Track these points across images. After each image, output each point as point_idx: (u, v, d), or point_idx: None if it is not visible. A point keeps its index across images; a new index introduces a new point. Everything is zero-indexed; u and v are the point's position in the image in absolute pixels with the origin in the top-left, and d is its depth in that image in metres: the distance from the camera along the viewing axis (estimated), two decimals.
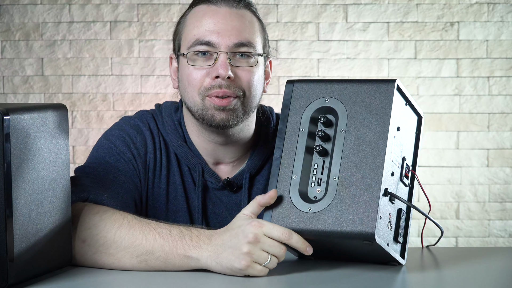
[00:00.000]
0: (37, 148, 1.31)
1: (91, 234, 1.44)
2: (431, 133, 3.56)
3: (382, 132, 1.38)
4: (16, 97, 3.53)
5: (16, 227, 1.26)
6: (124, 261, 1.44)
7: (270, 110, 1.82)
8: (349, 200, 1.36)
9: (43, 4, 3.53)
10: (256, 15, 1.71)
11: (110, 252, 1.44)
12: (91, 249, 1.44)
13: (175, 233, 1.43)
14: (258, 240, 1.36)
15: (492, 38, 3.56)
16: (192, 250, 1.41)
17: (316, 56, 3.56)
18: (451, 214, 3.57)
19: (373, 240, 1.34)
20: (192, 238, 1.42)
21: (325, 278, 1.38)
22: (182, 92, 1.70)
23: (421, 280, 1.39)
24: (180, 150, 1.72)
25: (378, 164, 1.37)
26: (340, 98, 1.43)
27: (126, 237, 1.44)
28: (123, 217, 1.47)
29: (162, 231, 1.44)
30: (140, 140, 1.72)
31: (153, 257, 1.43)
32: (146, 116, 1.77)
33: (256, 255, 1.37)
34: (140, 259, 1.43)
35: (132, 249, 1.43)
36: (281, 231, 1.37)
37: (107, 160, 1.67)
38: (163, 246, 1.42)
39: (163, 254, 1.42)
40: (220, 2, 1.67)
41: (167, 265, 1.43)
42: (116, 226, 1.45)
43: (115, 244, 1.44)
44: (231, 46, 1.64)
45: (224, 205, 1.72)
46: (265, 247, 1.37)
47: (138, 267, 1.44)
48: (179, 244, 1.42)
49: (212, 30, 1.64)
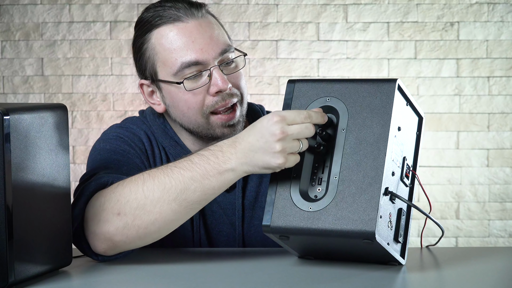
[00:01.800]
0: (37, 148, 1.31)
1: (122, 204, 1.42)
2: (431, 133, 3.56)
3: (383, 132, 1.39)
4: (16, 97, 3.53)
5: (16, 227, 1.26)
6: (165, 211, 1.41)
7: (261, 108, 1.82)
8: (350, 199, 1.36)
9: (43, 4, 3.53)
10: (213, 15, 1.69)
11: (148, 210, 1.41)
12: (129, 217, 1.42)
13: (196, 160, 1.41)
14: (286, 133, 1.35)
15: (492, 38, 3.56)
16: (223, 165, 1.40)
17: (316, 56, 3.56)
18: (451, 214, 3.57)
19: (373, 238, 1.34)
20: (216, 155, 1.41)
21: (325, 278, 1.38)
22: (177, 116, 1.68)
23: (421, 280, 1.39)
24: (173, 151, 1.72)
25: (378, 163, 1.37)
26: (341, 98, 1.43)
27: (154, 187, 1.41)
28: (141, 173, 1.44)
29: (184, 165, 1.42)
30: (137, 139, 1.71)
31: (189, 192, 1.41)
32: (135, 120, 1.75)
33: (289, 148, 1.36)
34: (179, 200, 1.41)
35: (166, 195, 1.41)
36: (302, 115, 1.37)
37: (114, 157, 1.64)
38: (193, 177, 1.40)
39: (198, 184, 1.40)
40: (184, 16, 1.63)
41: (206, 192, 1.41)
42: (140, 184, 1.42)
43: (149, 200, 1.41)
44: (217, 57, 1.63)
45: (218, 204, 1.72)
46: (294, 136, 1.36)
47: (182, 211, 1.42)
48: (207, 167, 1.40)
49: (193, 49, 1.62)
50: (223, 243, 1.72)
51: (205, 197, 1.42)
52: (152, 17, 1.65)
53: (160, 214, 1.42)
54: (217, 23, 1.68)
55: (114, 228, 1.43)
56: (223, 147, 1.41)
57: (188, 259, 1.54)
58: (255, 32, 3.57)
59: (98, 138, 1.73)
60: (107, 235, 1.43)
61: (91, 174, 1.55)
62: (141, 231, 1.43)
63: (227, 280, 1.37)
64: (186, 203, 1.42)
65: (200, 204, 1.43)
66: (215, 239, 1.72)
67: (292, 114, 1.37)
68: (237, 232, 1.71)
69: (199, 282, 1.37)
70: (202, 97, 1.63)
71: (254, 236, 1.72)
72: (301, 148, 1.38)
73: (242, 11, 3.56)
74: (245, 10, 3.56)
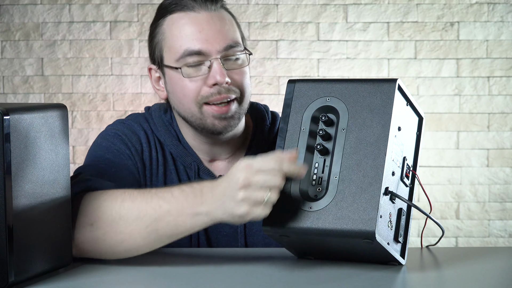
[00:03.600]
0: (37, 148, 1.31)
1: (97, 216, 1.43)
2: (431, 133, 3.56)
3: (383, 131, 1.39)
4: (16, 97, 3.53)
5: (16, 227, 1.26)
6: (134, 235, 1.41)
7: (266, 108, 1.82)
8: (350, 199, 1.36)
9: (43, 4, 3.53)
10: (229, 12, 1.70)
11: (119, 230, 1.42)
12: (100, 231, 1.43)
13: (177, 194, 1.40)
14: (249, 182, 1.32)
15: (492, 38, 3.56)
16: (199, 206, 1.39)
17: (316, 56, 3.56)
18: (451, 214, 3.57)
19: (373, 238, 1.34)
20: (195, 194, 1.39)
21: (325, 278, 1.38)
22: (175, 103, 1.69)
23: (421, 280, 1.39)
24: (174, 149, 1.72)
25: (378, 163, 1.37)
26: (341, 98, 1.43)
27: (131, 210, 1.42)
28: (123, 191, 1.45)
29: (164, 196, 1.41)
30: (135, 139, 1.72)
31: (162, 223, 1.40)
32: (138, 118, 1.77)
33: (253, 198, 1.32)
34: (150, 229, 1.41)
35: (139, 220, 1.41)
36: (271, 161, 1.33)
37: (107, 157, 1.67)
38: (169, 210, 1.40)
39: (171, 218, 1.39)
40: (198, 7, 1.65)
41: (178, 228, 1.40)
42: (119, 202, 1.43)
43: (122, 220, 1.42)
44: (221, 51, 1.63)
45: None
46: (259, 185, 1.33)
47: (150, 240, 1.42)
48: (184, 204, 1.39)
49: (199, 38, 1.63)
50: (223, 244, 1.72)
51: (176, 232, 1.41)
52: (169, 4, 1.68)
53: (130, 236, 1.42)
54: (231, 20, 1.68)
55: (84, 238, 1.44)
56: (204, 188, 1.40)
57: (188, 259, 1.54)
58: (255, 32, 3.57)
59: (101, 132, 1.75)
60: (76, 241, 1.44)
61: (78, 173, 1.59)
62: (108, 247, 1.44)
63: (227, 280, 1.37)
64: (156, 233, 1.42)
65: (169, 239, 1.43)
66: (214, 240, 1.72)
67: (259, 162, 1.33)
68: (239, 231, 1.71)
69: (199, 282, 1.37)
70: (199, 86, 1.64)
71: (257, 235, 1.72)
72: (267, 199, 1.33)
73: (242, 11, 3.56)
74: (245, 10, 3.56)
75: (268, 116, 1.81)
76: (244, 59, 1.67)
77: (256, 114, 1.78)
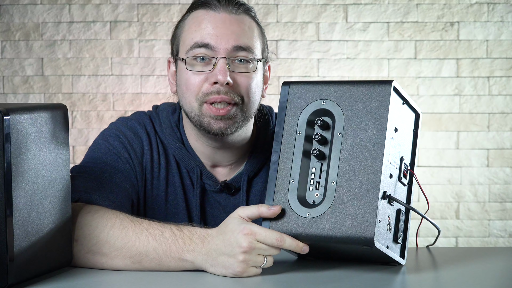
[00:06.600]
0: (37, 148, 1.31)
1: (83, 234, 1.44)
2: (431, 133, 3.56)
3: (380, 136, 1.37)
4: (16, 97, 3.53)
5: (16, 227, 1.26)
6: (117, 261, 1.44)
7: (270, 110, 1.81)
8: (348, 205, 1.35)
9: (43, 4, 3.53)
10: (255, 20, 1.70)
11: (103, 252, 1.44)
12: (83, 248, 1.44)
13: (167, 235, 1.43)
14: (253, 248, 1.37)
15: (492, 38, 3.56)
16: (186, 253, 1.42)
17: (316, 56, 3.56)
18: (451, 214, 3.56)
19: (372, 245, 1.33)
20: (185, 240, 1.42)
21: (325, 278, 1.38)
22: (180, 97, 1.70)
23: (421, 280, 1.39)
24: (178, 152, 1.72)
25: (376, 168, 1.36)
26: (336, 101, 1.42)
27: (119, 237, 1.44)
28: (115, 216, 1.46)
29: (154, 233, 1.44)
30: (136, 141, 1.71)
31: (147, 259, 1.43)
32: (143, 117, 1.76)
33: (252, 261, 1.38)
34: (134, 260, 1.43)
35: (125, 250, 1.43)
36: (274, 237, 1.38)
37: (104, 159, 1.67)
38: (156, 248, 1.42)
39: (157, 256, 1.43)
40: (219, 7, 1.67)
41: (162, 267, 1.43)
42: (108, 226, 1.45)
43: (108, 244, 1.43)
44: (229, 50, 1.63)
45: (222, 207, 1.72)
46: (260, 252, 1.38)
47: (131, 268, 1.44)
48: (172, 247, 1.42)
49: (211, 34, 1.64)
50: None
51: (159, 269, 1.44)
52: (196, 1, 1.71)
53: (112, 261, 1.44)
54: (251, 27, 1.68)
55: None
56: (194, 236, 1.43)
57: None
58: None
59: (104, 129, 1.76)
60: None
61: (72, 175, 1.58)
62: (90, 263, 1.45)
63: (227, 280, 1.37)
64: (139, 265, 1.44)
65: (152, 270, 1.44)
66: None
67: (264, 233, 1.38)
68: None
69: (199, 282, 1.37)
70: (201, 82, 1.64)
71: None
72: (264, 264, 1.39)
73: None
74: None
75: (272, 119, 1.80)
76: (256, 66, 1.66)
77: (259, 115, 1.77)
